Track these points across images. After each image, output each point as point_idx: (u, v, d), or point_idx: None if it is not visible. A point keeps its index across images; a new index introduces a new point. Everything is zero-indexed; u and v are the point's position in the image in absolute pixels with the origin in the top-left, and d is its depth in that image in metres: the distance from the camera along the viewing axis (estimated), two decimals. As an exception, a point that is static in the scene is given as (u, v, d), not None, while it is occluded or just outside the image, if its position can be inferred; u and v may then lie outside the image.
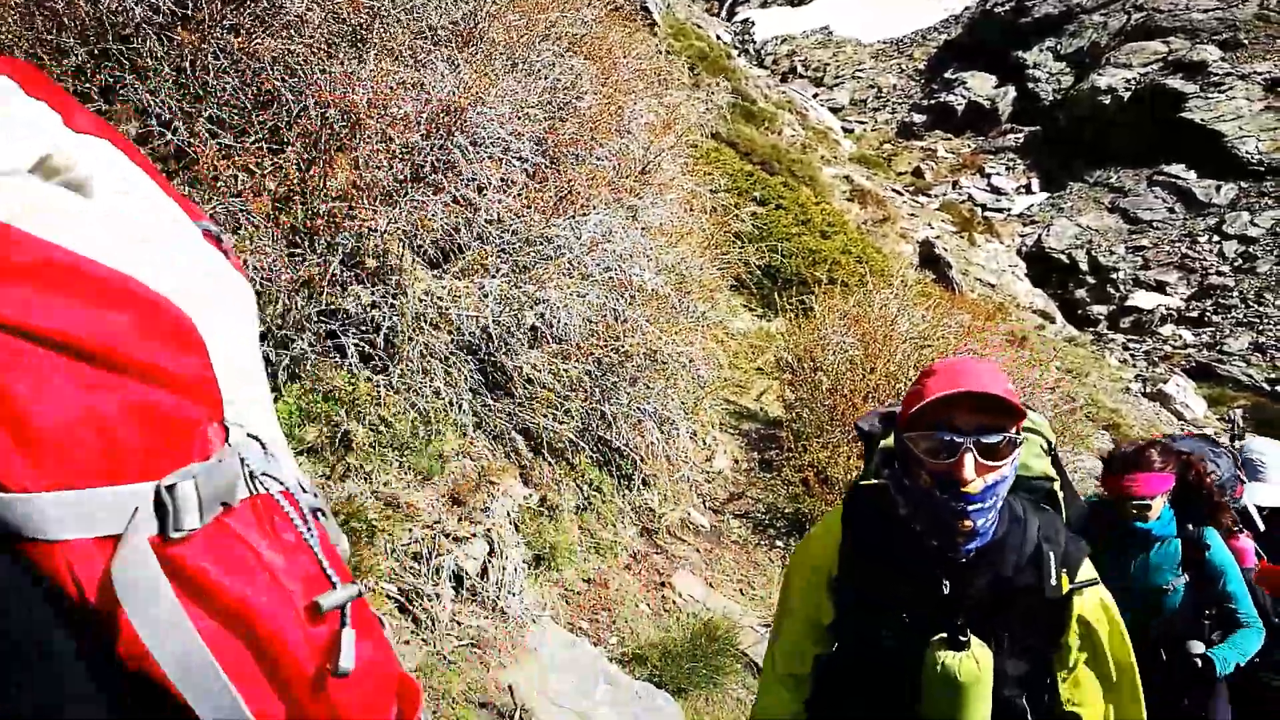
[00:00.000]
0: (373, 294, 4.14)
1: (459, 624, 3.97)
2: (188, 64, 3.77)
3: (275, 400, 3.92)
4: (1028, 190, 35.51)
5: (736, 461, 7.37)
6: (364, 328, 4.16)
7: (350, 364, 4.09)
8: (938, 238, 20.92)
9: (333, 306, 4.06)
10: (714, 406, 7.51)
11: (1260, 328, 27.08)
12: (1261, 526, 4.34)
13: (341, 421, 3.92)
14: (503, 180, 4.50)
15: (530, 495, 4.65)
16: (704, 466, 6.82)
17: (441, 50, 4.56)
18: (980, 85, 40.59)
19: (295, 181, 3.99)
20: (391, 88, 4.12)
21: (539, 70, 5.04)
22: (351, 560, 3.25)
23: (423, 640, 3.74)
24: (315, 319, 4.05)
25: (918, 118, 40.75)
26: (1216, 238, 30.43)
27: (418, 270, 4.33)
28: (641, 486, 5.63)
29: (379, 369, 4.17)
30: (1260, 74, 33.51)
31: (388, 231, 4.08)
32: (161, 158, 3.82)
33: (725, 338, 8.62)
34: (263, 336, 3.93)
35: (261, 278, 3.83)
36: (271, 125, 4.09)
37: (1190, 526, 3.72)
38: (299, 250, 3.98)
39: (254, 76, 3.96)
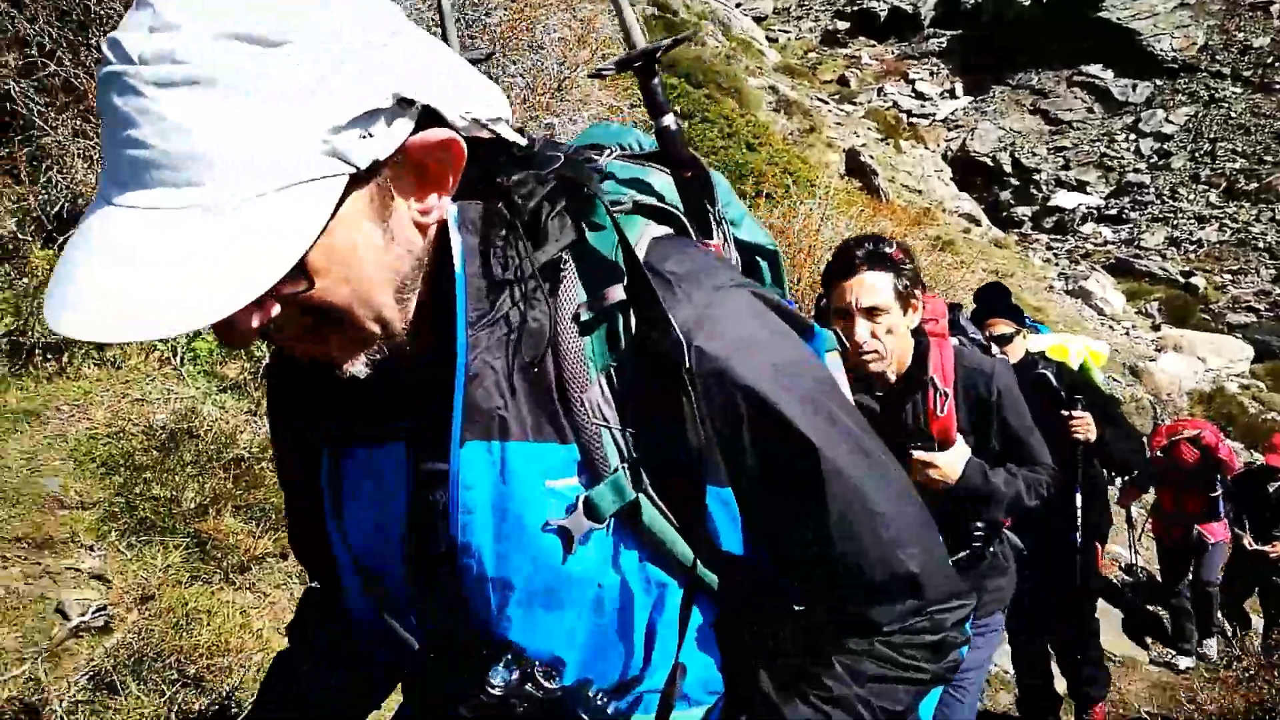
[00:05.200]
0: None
1: None
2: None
3: None
4: (952, 95, 35.71)
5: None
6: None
7: None
8: (864, 146, 21.02)
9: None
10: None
11: (1174, 222, 27.94)
12: None
13: None
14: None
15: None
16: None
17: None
18: (902, -11, 40.31)
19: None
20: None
21: (444, -15, 4.87)
22: None
23: None
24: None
25: (841, 25, 40.45)
26: (1133, 136, 31.11)
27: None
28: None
29: None
30: (1174, -31, 33.89)
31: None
32: None
33: (653, 255, 8.59)
34: None
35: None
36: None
37: None
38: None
39: None
